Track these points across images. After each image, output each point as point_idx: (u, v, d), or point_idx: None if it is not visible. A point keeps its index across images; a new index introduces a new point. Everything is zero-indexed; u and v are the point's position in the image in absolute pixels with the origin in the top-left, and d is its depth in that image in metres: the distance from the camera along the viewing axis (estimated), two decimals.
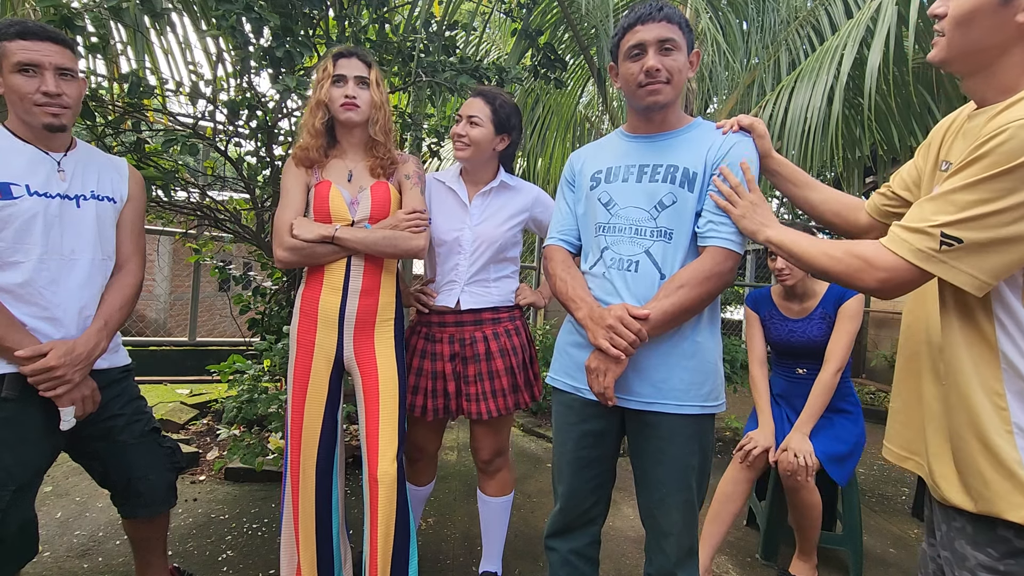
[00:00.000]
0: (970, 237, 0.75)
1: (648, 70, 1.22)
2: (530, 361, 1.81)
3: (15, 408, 1.29)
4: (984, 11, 0.80)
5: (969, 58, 0.84)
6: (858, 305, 1.98)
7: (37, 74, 1.29)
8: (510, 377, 1.73)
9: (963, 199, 0.75)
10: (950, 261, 0.77)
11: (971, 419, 0.81)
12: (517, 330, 1.78)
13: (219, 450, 2.95)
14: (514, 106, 1.75)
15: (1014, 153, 0.71)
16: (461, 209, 1.75)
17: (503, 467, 1.86)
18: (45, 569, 1.89)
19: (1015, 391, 0.78)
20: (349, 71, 1.55)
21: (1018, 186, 0.72)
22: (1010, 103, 0.76)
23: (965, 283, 0.77)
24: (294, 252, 1.50)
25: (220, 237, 3.33)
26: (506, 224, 1.75)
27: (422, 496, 1.96)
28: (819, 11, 3.77)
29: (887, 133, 3.51)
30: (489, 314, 1.75)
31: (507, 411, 1.72)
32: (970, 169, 0.75)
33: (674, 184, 1.25)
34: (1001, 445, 0.78)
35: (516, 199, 1.79)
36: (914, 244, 0.81)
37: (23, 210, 1.28)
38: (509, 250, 1.78)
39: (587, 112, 5.20)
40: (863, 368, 6.39)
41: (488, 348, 1.72)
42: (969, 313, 0.82)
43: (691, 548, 1.29)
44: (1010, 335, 0.78)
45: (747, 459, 1.97)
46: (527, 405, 1.77)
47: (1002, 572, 0.77)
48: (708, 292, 1.20)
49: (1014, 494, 0.77)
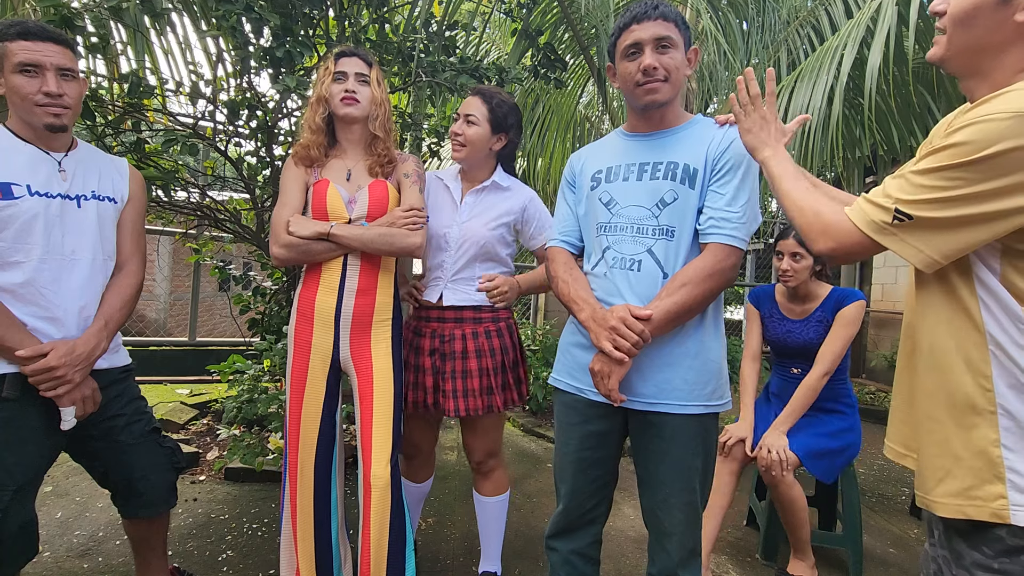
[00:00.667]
0: (920, 215, 0.79)
1: (645, 69, 1.21)
2: (512, 365, 1.78)
3: (16, 408, 1.29)
4: (984, 9, 0.81)
5: (968, 57, 0.85)
6: (856, 312, 1.98)
7: (38, 74, 1.29)
8: (484, 379, 1.70)
9: (921, 181, 0.79)
10: (900, 234, 0.82)
11: (949, 400, 0.83)
12: (499, 332, 1.76)
13: (219, 450, 2.95)
14: (512, 105, 1.75)
15: (975, 147, 0.74)
16: (452, 206, 1.76)
17: (496, 467, 1.85)
18: (45, 569, 1.89)
19: (1003, 373, 0.79)
20: (350, 68, 1.56)
21: (974, 178, 0.75)
22: (988, 98, 0.77)
23: (912, 256, 0.82)
24: (290, 249, 1.50)
25: (220, 237, 3.33)
26: (493, 223, 1.73)
27: (420, 493, 1.96)
28: (819, 11, 3.77)
29: (887, 133, 3.51)
30: (471, 313, 1.74)
31: (475, 412, 1.69)
32: (935, 156, 0.79)
33: (675, 181, 1.25)
34: (978, 424, 0.80)
35: (507, 200, 1.77)
36: (870, 215, 0.85)
37: (24, 210, 1.28)
38: (497, 250, 1.75)
39: (587, 112, 5.20)
40: (863, 368, 6.39)
41: (465, 347, 1.71)
42: (954, 296, 0.84)
43: (694, 548, 1.29)
44: (996, 318, 0.79)
45: (723, 451, 2.01)
46: (499, 409, 1.73)
47: (996, 570, 0.78)
48: (711, 290, 1.20)
49: (984, 472, 0.79)
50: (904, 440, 0.96)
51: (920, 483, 0.89)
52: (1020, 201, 0.73)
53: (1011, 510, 0.77)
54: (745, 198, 1.22)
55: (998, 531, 0.78)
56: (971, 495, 0.80)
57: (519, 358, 1.83)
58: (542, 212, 1.81)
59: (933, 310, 0.87)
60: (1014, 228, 0.75)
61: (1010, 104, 0.72)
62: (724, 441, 2.02)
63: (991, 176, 0.73)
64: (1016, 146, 0.71)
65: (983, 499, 0.79)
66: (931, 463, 0.86)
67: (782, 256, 2.04)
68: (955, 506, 0.81)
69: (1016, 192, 0.73)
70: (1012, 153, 0.71)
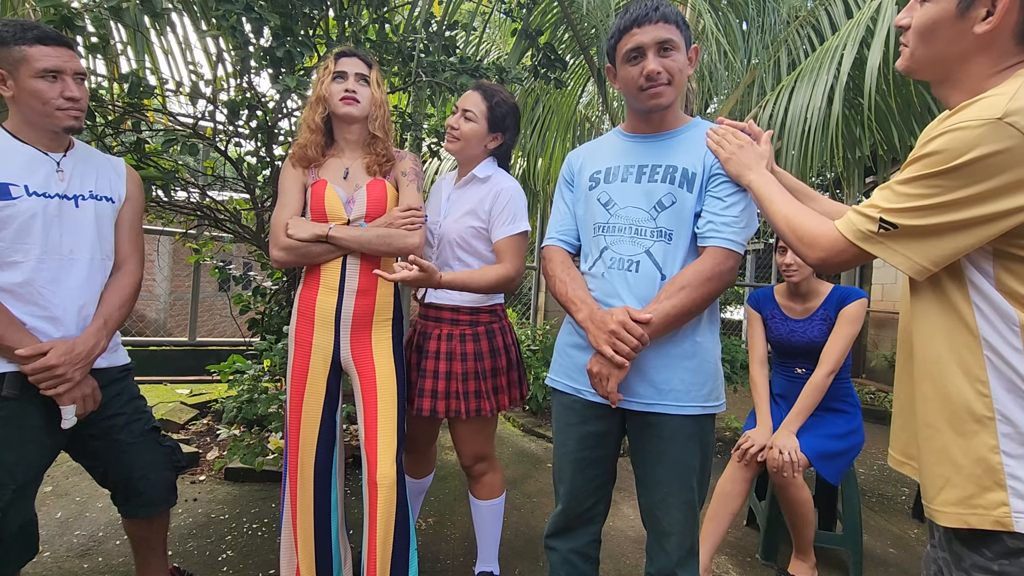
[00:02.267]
0: (905, 223, 0.82)
1: (649, 74, 1.21)
2: (502, 368, 1.72)
3: (15, 407, 1.29)
4: (944, 23, 0.84)
5: (933, 67, 0.88)
6: (859, 309, 1.97)
7: (58, 79, 1.32)
8: (451, 383, 1.65)
9: (904, 190, 0.82)
10: (887, 243, 0.84)
11: (946, 407, 0.83)
12: (476, 336, 1.69)
13: (219, 450, 2.95)
14: (512, 106, 1.73)
15: (950, 156, 0.76)
16: (442, 203, 1.76)
17: (487, 471, 1.81)
18: (45, 569, 1.89)
19: (999, 378, 0.79)
20: (350, 68, 1.56)
21: (951, 185, 0.77)
22: (964, 105, 0.79)
23: (901, 264, 0.84)
24: (289, 252, 1.51)
25: (220, 237, 3.33)
26: (464, 218, 1.67)
27: (420, 489, 1.96)
28: (819, 11, 3.77)
29: (887, 133, 3.51)
30: (449, 313, 1.71)
31: (434, 414, 1.65)
32: (915, 165, 0.81)
33: (673, 184, 1.25)
34: (977, 431, 0.79)
35: (483, 190, 1.68)
36: (857, 225, 0.88)
37: (22, 210, 1.29)
38: (472, 244, 1.68)
39: (587, 112, 5.19)
40: (863, 368, 6.39)
41: (437, 348, 1.68)
42: (947, 301, 0.84)
43: (692, 547, 1.29)
44: (990, 321, 0.80)
45: (745, 458, 1.97)
46: (467, 415, 1.66)
47: (996, 572, 0.77)
48: (710, 293, 1.20)
49: (984, 479, 0.78)
50: (903, 447, 0.96)
51: (923, 491, 0.88)
52: (1000, 205, 0.74)
53: (1013, 517, 0.76)
54: (744, 203, 1.23)
55: (998, 534, 0.78)
56: (972, 503, 0.79)
57: (502, 365, 1.74)
58: (513, 203, 1.66)
59: (927, 316, 0.87)
60: (1000, 232, 0.76)
61: (982, 112, 0.74)
62: (747, 448, 1.96)
63: (968, 183, 0.75)
64: (989, 152, 0.73)
65: (985, 507, 0.78)
66: (931, 471, 0.85)
67: (785, 251, 2.03)
68: (956, 515, 0.81)
69: (995, 197, 0.74)
70: (987, 159, 0.73)
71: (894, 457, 0.99)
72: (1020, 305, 0.77)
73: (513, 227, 1.65)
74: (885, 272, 6.27)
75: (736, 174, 1.19)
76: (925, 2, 0.86)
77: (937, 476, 0.84)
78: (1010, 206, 0.74)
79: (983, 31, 0.80)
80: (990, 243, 0.78)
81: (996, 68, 0.82)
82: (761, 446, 1.96)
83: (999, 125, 0.72)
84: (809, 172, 3.24)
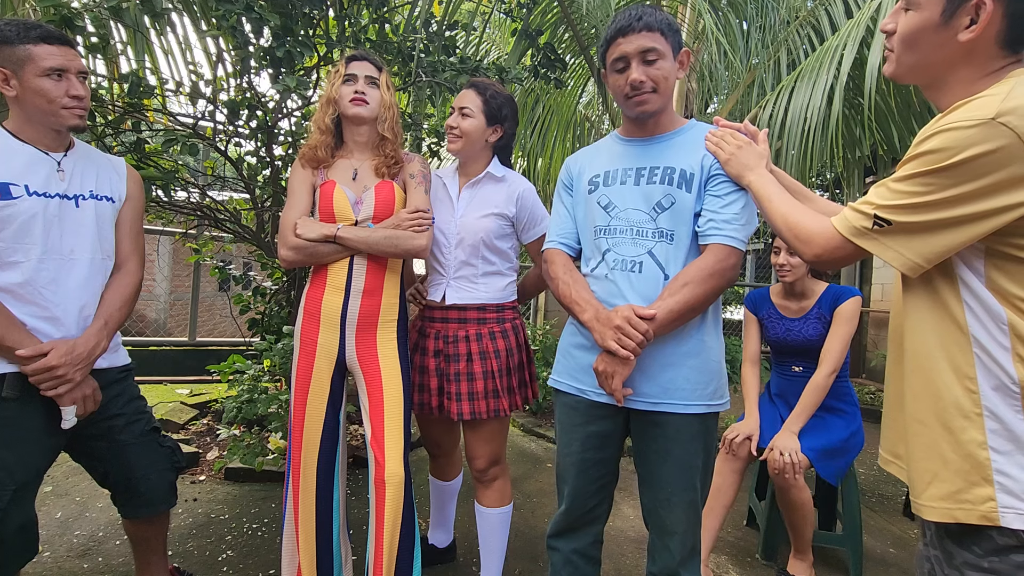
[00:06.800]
0: (898, 220, 0.83)
1: (632, 83, 1.23)
2: (518, 366, 1.73)
3: (16, 408, 1.29)
4: (928, 31, 0.86)
5: (918, 73, 0.90)
6: (854, 307, 1.98)
7: (63, 78, 1.32)
8: (490, 381, 1.66)
9: (898, 188, 0.84)
10: (881, 239, 0.86)
11: (935, 403, 0.84)
12: (504, 332, 1.70)
13: (219, 450, 2.95)
14: (507, 96, 1.74)
15: (944, 155, 0.77)
16: (450, 202, 1.74)
17: (499, 476, 1.77)
18: (45, 569, 1.89)
19: (987, 375, 0.80)
20: (360, 71, 1.58)
21: (944, 183, 0.78)
22: (957, 105, 0.80)
23: (894, 260, 0.85)
24: (297, 252, 1.52)
25: (220, 237, 3.33)
26: (488, 215, 1.68)
27: (452, 491, 1.97)
28: (819, 11, 3.77)
29: (887, 133, 3.51)
30: (475, 312, 1.69)
31: (480, 415, 1.64)
32: (910, 163, 0.83)
33: (671, 186, 1.26)
34: (966, 427, 0.80)
35: (502, 190, 1.72)
36: (852, 222, 0.90)
37: (22, 210, 1.28)
38: (495, 242, 1.69)
39: (587, 112, 5.20)
40: (863, 368, 6.39)
41: (469, 349, 1.67)
42: (939, 299, 0.85)
43: (694, 546, 1.29)
44: (979, 319, 0.81)
45: (730, 448, 2.02)
46: (506, 413, 1.67)
47: (986, 569, 0.78)
48: (712, 289, 1.21)
49: (972, 474, 0.79)
50: (891, 446, 0.97)
51: (911, 487, 0.89)
52: (992, 203, 0.76)
53: (1000, 512, 0.77)
54: (743, 201, 1.24)
55: (988, 531, 0.79)
56: (960, 498, 0.80)
57: (525, 360, 1.77)
58: (536, 204, 1.75)
59: (918, 313, 0.88)
60: (992, 229, 0.77)
61: (976, 112, 0.75)
62: (731, 439, 2.03)
63: (961, 181, 0.77)
64: (983, 151, 0.74)
65: (972, 502, 0.79)
66: (919, 467, 0.86)
67: (779, 252, 2.05)
68: (944, 510, 0.82)
69: (986, 195, 0.76)
70: (980, 158, 0.75)
71: (883, 456, 1.00)
72: (1009, 304, 0.79)
73: (543, 227, 1.71)
74: (885, 272, 6.27)
75: (736, 175, 1.21)
76: (909, 10, 0.88)
77: (925, 471, 0.85)
78: (1002, 203, 0.75)
79: (967, 39, 0.82)
80: (982, 241, 0.80)
81: (982, 73, 0.84)
82: (745, 435, 2.02)
83: (992, 125, 0.73)
84: (809, 172, 3.24)
